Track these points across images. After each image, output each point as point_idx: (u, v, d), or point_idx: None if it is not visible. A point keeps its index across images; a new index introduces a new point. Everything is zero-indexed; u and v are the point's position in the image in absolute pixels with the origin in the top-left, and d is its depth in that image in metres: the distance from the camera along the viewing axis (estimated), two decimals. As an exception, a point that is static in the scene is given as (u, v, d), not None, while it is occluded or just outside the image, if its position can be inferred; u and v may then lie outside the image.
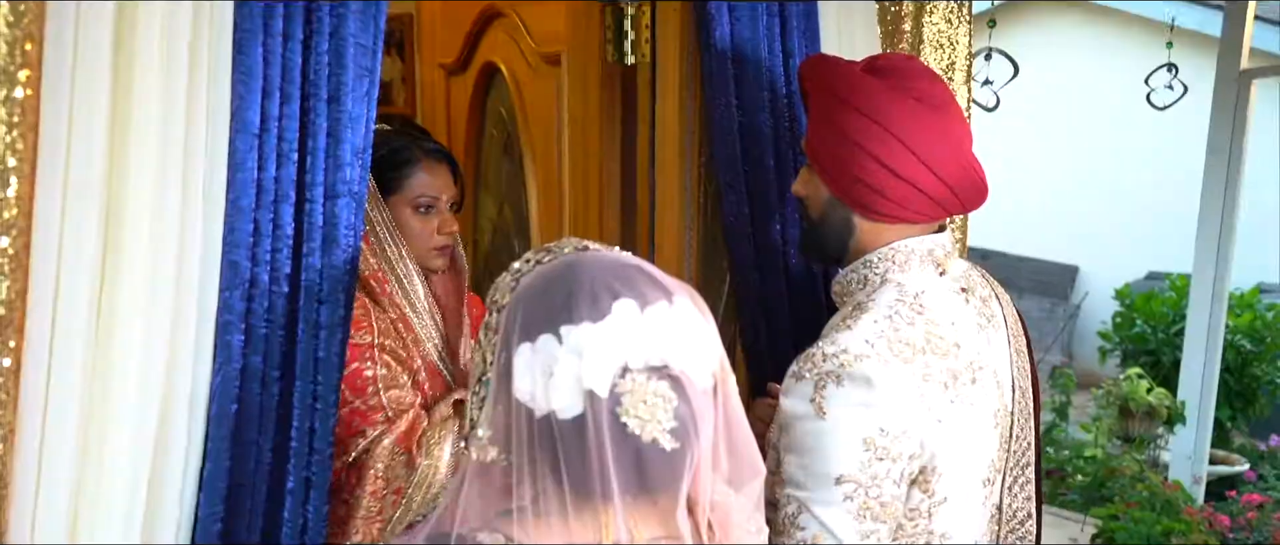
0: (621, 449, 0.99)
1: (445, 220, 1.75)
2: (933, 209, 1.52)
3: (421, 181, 1.72)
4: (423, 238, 1.73)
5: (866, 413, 1.37)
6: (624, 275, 1.04)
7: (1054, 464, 5.11)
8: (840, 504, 1.37)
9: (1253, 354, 5.31)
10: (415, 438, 1.60)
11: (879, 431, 1.37)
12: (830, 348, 1.41)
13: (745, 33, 1.92)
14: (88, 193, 1.11)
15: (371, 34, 1.33)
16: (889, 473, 1.38)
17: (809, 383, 1.40)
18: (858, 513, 1.37)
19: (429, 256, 1.74)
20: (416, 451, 1.58)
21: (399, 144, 1.72)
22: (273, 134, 1.26)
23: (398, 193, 1.71)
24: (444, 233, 1.75)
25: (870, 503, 1.37)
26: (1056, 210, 8.24)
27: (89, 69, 1.10)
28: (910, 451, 1.39)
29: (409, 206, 1.71)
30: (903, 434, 1.38)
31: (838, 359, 1.39)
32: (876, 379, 1.38)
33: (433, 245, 1.74)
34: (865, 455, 1.37)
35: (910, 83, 1.51)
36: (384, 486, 1.56)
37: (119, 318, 1.15)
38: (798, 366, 1.43)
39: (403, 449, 1.58)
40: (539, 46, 2.52)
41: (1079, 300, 8.22)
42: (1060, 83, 7.55)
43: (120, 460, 1.17)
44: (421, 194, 1.72)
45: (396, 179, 1.71)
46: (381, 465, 1.56)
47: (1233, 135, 3.93)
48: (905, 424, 1.38)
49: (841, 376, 1.38)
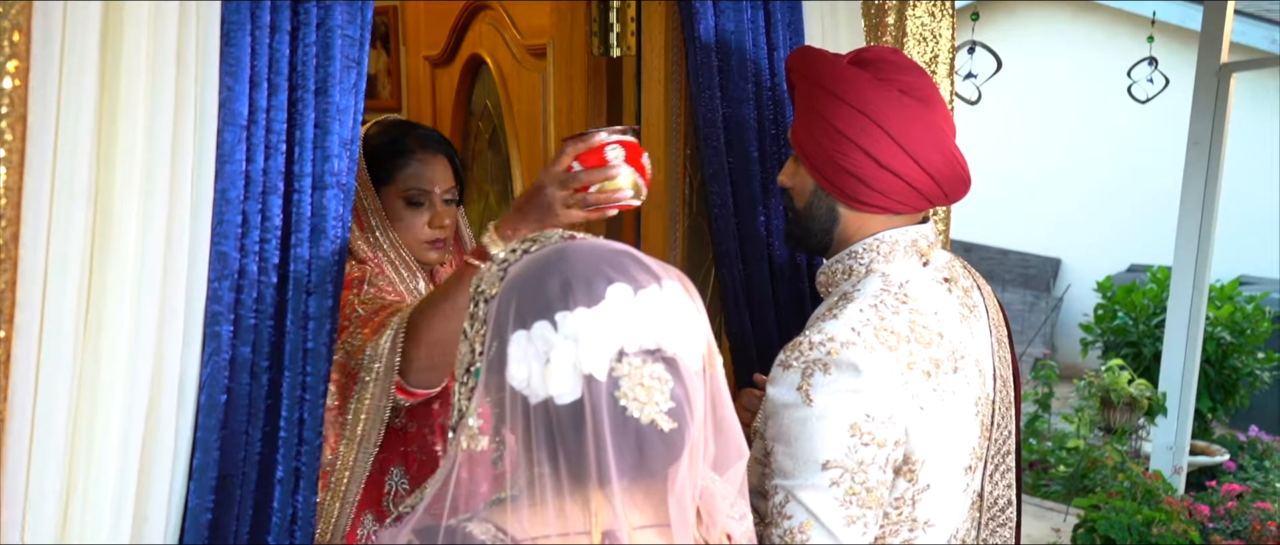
0: (621, 432, 1.00)
1: (437, 213, 1.72)
2: (917, 200, 1.54)
3: (412, 173, 1.70)
4: (413, 230, 1.71)
5: (853, 398, 1.39)
6: (615, 261, 1.05)
7: (1037, 455, 5.14)
8: (827, 490, 1.38)
9: (1233, 345, 5.36)
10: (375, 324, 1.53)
11: (865, 417, 1.39)
12: (817, 336, 1.43)
13: (730, 26, 1.93)
14: (76, 184, 1.11)
15: (358, 25, 1.33)
16: (875, 459, 1.40)
17: (796, 371, 1.42)
18: (844, 499, 1.39)
19: (421, 249, 1.73)
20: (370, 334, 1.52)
21: (395, 134, 1.71)
22: (260, 125, 1.26)
23: (389, 183, 1.70)
24: (435, 226, 1.72)
25: (857, 488, 1.39)
26: (1040, 203, 8.29)
27: (77, 60, 1.10)
28: (895, 438, 1.41)
29: (400, 198, 1.70)
30: (888, 420, 1.40)
31: (825, 347, 1.41)
32: (863, 366, 1.40)
33: (423, 238, 1.72)
34: (852, 440, 1.39)
35: (895, 75, 1.53)
36: (340, 373, 1.50)
37: (108, 309, 1.15)
38: (785, 356, 1.45)
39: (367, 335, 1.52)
40: (524, 39, 2.52)
41: (1061, 293, 8.27)
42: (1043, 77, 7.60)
43: (110, 451, 1.17)
44: (413, 186, 1.70)
45: (389, 169, 1.69)
46: (341, 350, 1.49)
47: (1213, 128, 3.97)
48: (891, 410, 1.40)
49: (829, 364, 1.40)
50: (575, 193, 1.42)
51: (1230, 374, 5.34)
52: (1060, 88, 7.81)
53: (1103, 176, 7.85)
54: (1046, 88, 7.71)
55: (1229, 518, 3.97)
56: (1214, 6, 3.99)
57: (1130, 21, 6.80)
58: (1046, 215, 8.29)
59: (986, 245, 8.37)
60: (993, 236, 8.37)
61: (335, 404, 1.54)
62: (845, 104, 1.50)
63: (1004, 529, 1.66)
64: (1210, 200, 4.01)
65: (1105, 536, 3.63)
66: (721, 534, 1.14)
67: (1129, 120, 5.94)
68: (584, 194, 1.42)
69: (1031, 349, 7.52)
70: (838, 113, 1.51)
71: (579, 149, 1.42)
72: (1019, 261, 8.51)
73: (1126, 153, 7.58)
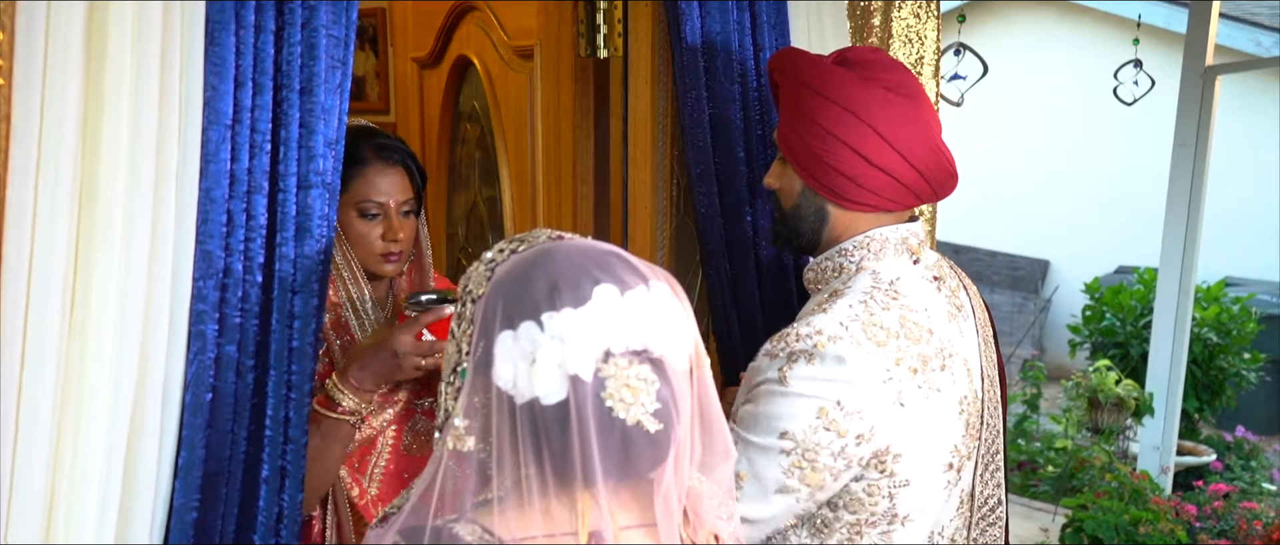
0: (606, 432, 1.00)
1: (392, 226, 1.66)
2: (906, 196, 1.55)
3: (368, 184, 1.64)
4: (365, 243, 1.65)
5: (829, 387, 1.41)
6: (602, 261, 1.05)
7: (1025, 455, 5.16)
8: (775, 456, 1.42)
9: (1219, 346, 5.38)
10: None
11: (835, 404, 1.41)
12: (805, 329, 1.45)
13: (716, 27, 1.94)
14: (60, 182, 1.11)
15: (343, 25, 1.33)
16: (831, 445, 1.42)
17: (781, 359, 1.44)
18: (788, 468, 1.43)
19: (374, 262, 1.67)
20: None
21: (352, 142, 1.61)
22: (245, 125, 1.26)
23: (343, 192, 1.60)
24: (389, 239, 1.66)
25: (802, 464, 1.42)
26: (1028, 206, 8.32)
27: (61, 59, 1.10)
28: (858, 431, 1.42)
29: (353, 209, 1.64)
30: (857, 413, 1.42)
31: (811, 339, 1.43)
32: (849, 359, 1.42)
33: (377, 251, 1.66)
34: (816, 422, 1.41)
35: (880, 73, 1.53)
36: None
37: (92, 308, 1.15)
38: (770, 345, 1.47)
39: None
40: (512, 40, 2.52)
41: (1050, 294, 8.29)
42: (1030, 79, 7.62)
43: (94, 450, 1.16)
44: (366, 198, 1.64)
45: (344, 179, 1.58)
46: None
47: (1198, 130, 3.98)
48: (862, 405, 1.42)
49: (814, 355, 1.42)
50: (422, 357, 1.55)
51: (1217, 374, 5.35)
52: (1047, 90, 7.83)
53: (1090, 179, 7.87)
54: (1033, 90, 7.73)
55: (1216, 517, 3.99)
56: (1199, 9, 4.01)
57: (1116, 24, 6.84)
58: (1035, 217, 8.31)
59: (975, 247, 8.40)
60: (981, 238, 8.39)
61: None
62: (833, 103, 1.51)
63: (994, 528, 1.67)
64: (1196, 202, 4.03)
65: (1093, 536, 3.65)
66: (708, 534, 1.14)
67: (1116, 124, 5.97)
68: (429, 358, 1.55)
69: (1020, 350, 7.54)
70: (825, 112, 1.51)
71: (430, 320, 1.55)
72: (1007, 263, 8.54)
73: (1113, 156, 7.60)
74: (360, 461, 1.68)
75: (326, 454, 1.57)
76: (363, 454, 1.68)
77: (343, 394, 1.55)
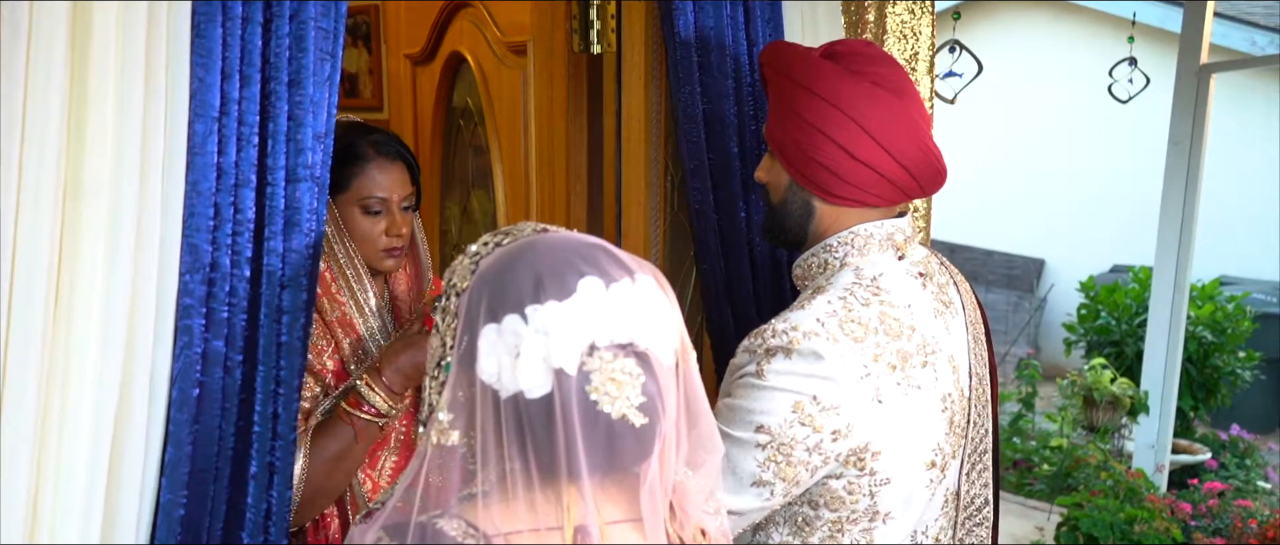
0: (591, 426, 0.99)
1: (395, 221, 1.67)
2: (891, 192, 1.54)
3: (370, 181, 1.65)
4: (370, 240, 1.66)
5: (806, 382, 1.41)
6: (587, 254, 1.04)
7: (1021, 454, 5.16)
8: (751, 449, 1.42)
9: (1214, 345, 5.38)
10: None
11: (811, 399, 1.41)
12: (781, 325, 1.45)
13: (709, 22, 1.93)
14: (45, 175, 1.10)
15: (333, 18, 1.32)
16: (806, 440, 1.42)
17: (758, 354, 1.44)
18: (763, 462, 1.42)
19: (377, 258, 1.68)
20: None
21: (350, 139, 1.65)
22: (233, 117, 1.24)
23: (345, 191, 1.64)
24: (392, 235, 1.67)
25: (778, 457, 1.42)
26: (1023, 204, 8.32)
27: (45, 50, 1.09)
28: (834, 427, 1.42)
29: (357, 206, 1.64)
30: (834, 409, 1.41)
31: (787, 335, 1.43)
32: (826, 354, 1.41)
33: (381, 247, 1.67)
34: (791, 416, 1.41)
35: (868, 67, 1.52)
36: None
37: (77, 302, 1.14)
38: (749, 340, 1.47)
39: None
40: (505, 36, 2.52)
41: (1045, 293, 8.30)
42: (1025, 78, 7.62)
43: (80, 446, 1.15)
44: (369, 194, 1.64)
45: (345, 177, 1.64)
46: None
47: (1193, 129, 3.98)
48: (839, 401, 1.42)
49: (791, 351, 1.42)
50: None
51: (1212, 373, 5.36)
52: (1042, 89, 7.84)
53: (1085, 178, 7.88)
54: (1028, 88, 7.74)
55: (1211, 516, 3.99)
56: (1194, 8, 4.01)
57: (1111, 23, 6.83)
58: (1030, 216, 8.32)
59: (971, 246, 8.40)
60: (977, 237, 8.39)
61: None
62: (817, 97, 1.50)
63: (980, 528, 1.65)
64: (1191, 201, 4.03)
65: (1088, 535, 3.64)
66: (695, 529, 1.14)
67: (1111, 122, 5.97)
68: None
69: (1015, 349, 7.55)
70: (809, 106, 1.50)
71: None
72: (1003, 262, 8.54)
73: (1108, 154, 7.61)
74: (371, 456, 1.69)
75: (351, 455, 1.58)
76: (375, 448, 1.69)
77: (375, 394, 1.56)
